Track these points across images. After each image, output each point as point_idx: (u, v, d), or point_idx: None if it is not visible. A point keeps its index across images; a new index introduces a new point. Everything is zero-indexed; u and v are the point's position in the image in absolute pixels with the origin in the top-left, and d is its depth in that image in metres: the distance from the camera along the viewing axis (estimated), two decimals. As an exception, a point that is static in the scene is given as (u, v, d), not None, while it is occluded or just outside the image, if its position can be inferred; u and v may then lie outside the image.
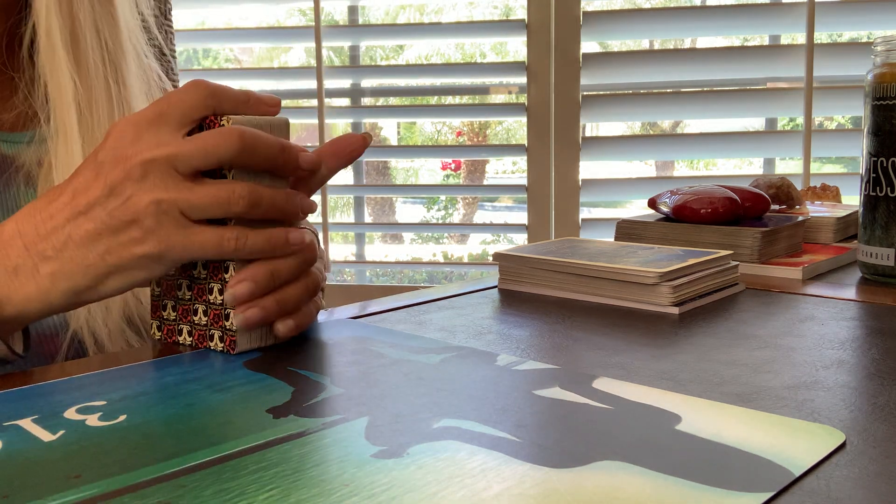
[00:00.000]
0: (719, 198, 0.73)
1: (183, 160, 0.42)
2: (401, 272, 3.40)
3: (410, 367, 0.43)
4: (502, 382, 0.41)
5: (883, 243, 0.65)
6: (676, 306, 0.56)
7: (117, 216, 0.42)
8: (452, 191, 4.79)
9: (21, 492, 0.29)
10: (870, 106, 0.65)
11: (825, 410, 0.37)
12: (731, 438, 0.33)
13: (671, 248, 0.65)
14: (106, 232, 0.42)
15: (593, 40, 1.52)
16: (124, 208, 0.42)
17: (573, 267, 0.61)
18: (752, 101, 1.44)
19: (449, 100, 1.86)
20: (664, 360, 0.45)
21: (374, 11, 5.88)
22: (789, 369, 0.43)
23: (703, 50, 1.47)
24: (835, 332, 0.50)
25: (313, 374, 0.42)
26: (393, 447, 0.32)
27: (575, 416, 0.36)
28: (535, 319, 0.55)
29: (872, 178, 0.65)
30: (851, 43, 1.43)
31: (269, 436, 0.34)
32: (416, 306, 0.59)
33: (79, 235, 0.42)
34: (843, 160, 4.17)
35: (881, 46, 0.64)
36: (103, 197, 0.42)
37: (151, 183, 0.42)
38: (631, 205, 3.46)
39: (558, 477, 0.30)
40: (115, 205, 0.42)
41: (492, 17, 4.25)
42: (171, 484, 0.30)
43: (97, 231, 0.42)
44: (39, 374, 0.44)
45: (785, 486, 0.29)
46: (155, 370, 0.44)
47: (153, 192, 0.42)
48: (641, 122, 4.88)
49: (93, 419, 0.36)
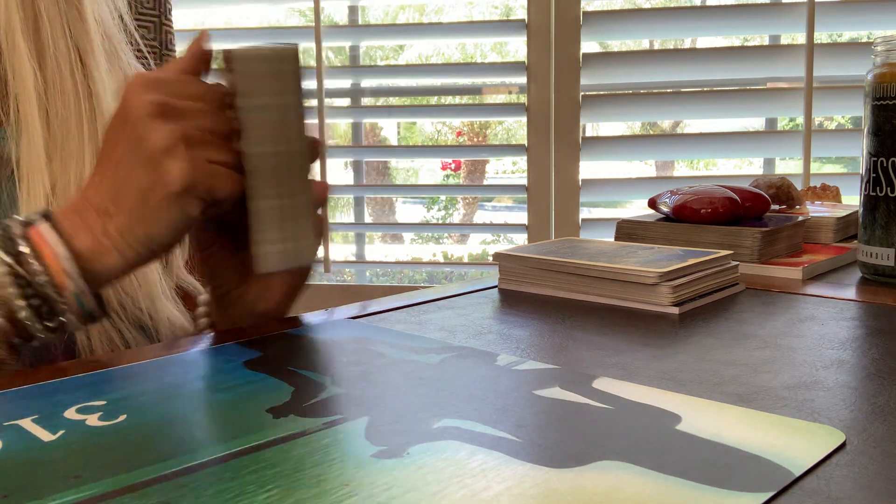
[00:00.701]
0: (719, 198, 0.73)
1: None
2: (401, 272, 3.40)
3: (410, 367, 0.43)
4: (502, 382, 0.41)
5: (883, 243, 0.65)
6: (676, 306, 0.56)
7: (147, 158, 0.46)
8: (452, 191, 4.79)
9: (21, 492, 0.29)
10: (870, 106, 0.65)
11: (825, 410, 0.37)
12: (731, 438, 0.33)
13: (671, 248, 0.65)
14: (143, 177, 0.46)
15: (593, 40, 1.52)
16: (152, 144, 0.46)
17: (573, 267, 0.61)
18: (752, 101, 1.44)
19: (449, 100, 1.86)
20: (664, 360, 0.45)
21: (374, 12, 5.88)
22: (789, 369, 0.43)
23: (703, 50, 1.47)
24: (835, 332, 0.50)
25: (313, 374, 0.42)
26: (393, 447, 0.32)
27: (575, 416, 0.36)
28: (535, 319, 0.55)
29: (872, 178, 0.65)
30: (851, 43, 1.43)
31: (269, 436, 0.34)
32: (416, 306, 0.59)
33: (128, 187, 0.46)
34: (843, 160, 4.17)
35: (881, 46, 0.64)
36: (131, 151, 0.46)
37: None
38: (631, 205, 3.46)
39: (558, 477, 0.30)
40: (144, 148, 0.46)
41: (492, 17, 4.25)
42: (171, 484, 0.30)
43: (139, 184, 0.46)
44: (39, 374, 0.44)
45: (785, 486, 0.29)
46: (155, 370, 0.44)
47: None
48: (641, 122, 4.88)
49: (93, 419, 0.36)
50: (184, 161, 0.45)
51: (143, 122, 0.45)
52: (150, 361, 0.45)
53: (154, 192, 0.46)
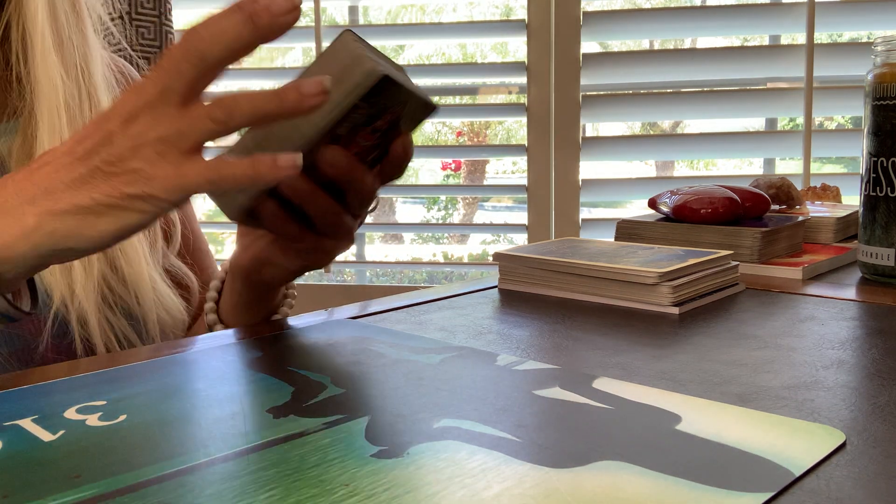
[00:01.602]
0: (719, 198, 0.73)
1: (182, 138, 0.41)
2: (401, 272, 3.40)
3: (410, 367, 0.43)
4: (502, 382, 0.41)
5: (883, 243, 0.65)
6: (676, 306, 0.56)
7: (110, 161, 0.41)
8: (452, 191, 4.79)
9: (21, 492, 0.29)
10: (870, 106, 0.65)
11: (825, 410, 0.37)
12: (731, 438, 0.33)
13: (671, 248, 0.65)
14: (98, 176, 0.41)
15: (593, 40, 1.52)
16: (117, 154, 0.41)
17: (573, 267, 0.61)
18: (752, 101, 1.44)
19: (449, 100, 1.86)
20: (664, 360, 0.45)
21: (375, 12, 5.88)
22: (789, 369, 0.43)
23: (703, 50, 1.47)
24: (835, 332, 0.50)
25: (313, 374, 0.42)
26: (393, 447, 0.32)
27: (575, 416, 0.36)
28: (535, 319, 0.55)
29: (872, 178, 0.65)
30: (851, 43, 1.43)
31: (268, 436, 0.34)
32: (416, 306, 0.59)
33: (70, 178, 0.41)
34: (843, 160, 4.17)
35: (881, 46, 0.64)
36: (99, 145, 0.41)
37: (144, 124, 0.41)
38: (631, 205, 3.46)
39: (558, 477, 0.30)
40: (110, 151, 0.41)
41: (492, 17, 4.25)
42: (171, 484, 0.30)
43: (90, 174, 0.41)
44: (39, 374, 0.44)
45: (785, 486, 0.29)
46: (155, 370, 0.44)
47: (147, 132, 0.41)
48: (641, 122, 4.88)
49: (93, 419, 0.36)
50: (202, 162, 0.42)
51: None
52: (150, 361, 0.45)
53: (114, 191, 0.41)
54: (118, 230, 0.42)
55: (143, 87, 0.42)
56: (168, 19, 0.85)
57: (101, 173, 0.41)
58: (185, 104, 0.42)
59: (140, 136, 0.41)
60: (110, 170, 0.41)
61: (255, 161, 0.42)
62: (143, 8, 0.84)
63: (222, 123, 0.41)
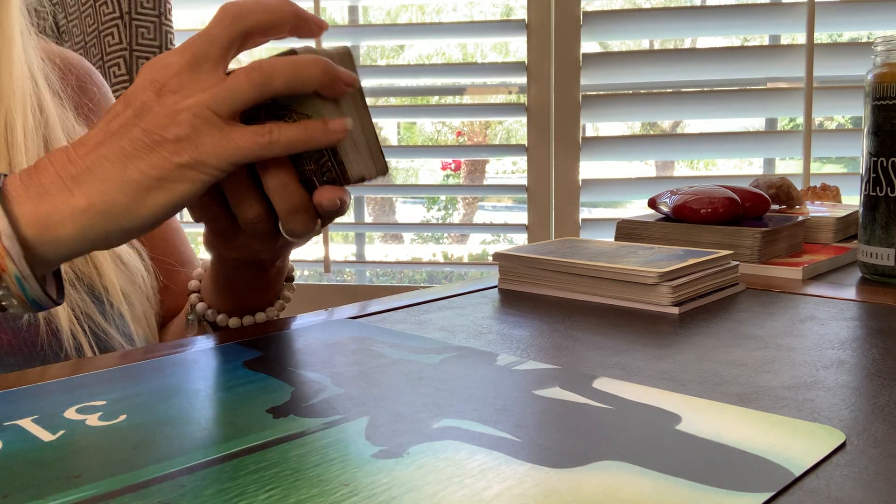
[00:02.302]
0: (719, 198, 0.73)
1: (221, 102, 0.41)
2: (401, 272, 3.40)
3: (410, 367, 0.43)
4: (502, 382, 0.41)
5: (883, 243, 0.65)
6: (676, 306, 0.56)
7: (151, 130, 0.40)
8: (452, 191, 4.79)
9: (21, 492, 0.29)
10: (870, 106, 0.65)
11: (825, 410, 0.37)
12: (731, 438, 0.33)
13: (671, 248, 0.65)
14: (142, 148, 0.40)
15: (593, 40, 1.52)
16: (157, 122, 0.40)
17: (573, 267, 0.61)
18: (752, 101, 1.44)
19: (449, 100, 1.86)
20: (664, 360, 0.45)
21: (375, 12, 5.88)
22: (789, 369, 0.43)
23: (703, 50, 1.47)
24: (835, 332, 0.50)
25: (313, 374, 0.42)
26: (393, 447, 0.32)
27: (575, 416, 0.36)
28: (535, 319, 0.55)
29: (872, 178, 0.65)
30: (851, 43, 1.43)
31: (269, 436, 0.34)
32: (416, 306, 0.59)
33: (113, 153, 0.40)
34: (843, 160, 4.17)
35: (881, 46, 0.64)
36: (135, 116, 0.41)
37: (180, 94, 0.40)
38: (631, 205, 3.46)
39: (558, 477, 0.30)
40: (149, 120, 0.40)
41: (492, 17, 4.25)
42: (171, 484, 0.30)
43: (133, 147, 0.40)
44: (39, 374, 0.44)
45: (785, 486, 0.29)
46: (155, 370, 0.44)
47: (183, 100, 0.40)
48: (641, 122, 4.88)
49: (93, 419, 0.36)
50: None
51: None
52: (150, 361, 0.45)
53: (163, 162, 0.40)
54: (169, 203, 0.41)
55: (173, 56, 0.42)
56: (168, 19, 0.85)
57: (143, 145, 0.40)
58: (220, 69, 0.41)
59: (177, 104, 0.40)
60: (153, 139, 0.40)
61: (306, 125, 0.41)
62: (142, 8, 0.84)
63: (260, 86, 0.41)
